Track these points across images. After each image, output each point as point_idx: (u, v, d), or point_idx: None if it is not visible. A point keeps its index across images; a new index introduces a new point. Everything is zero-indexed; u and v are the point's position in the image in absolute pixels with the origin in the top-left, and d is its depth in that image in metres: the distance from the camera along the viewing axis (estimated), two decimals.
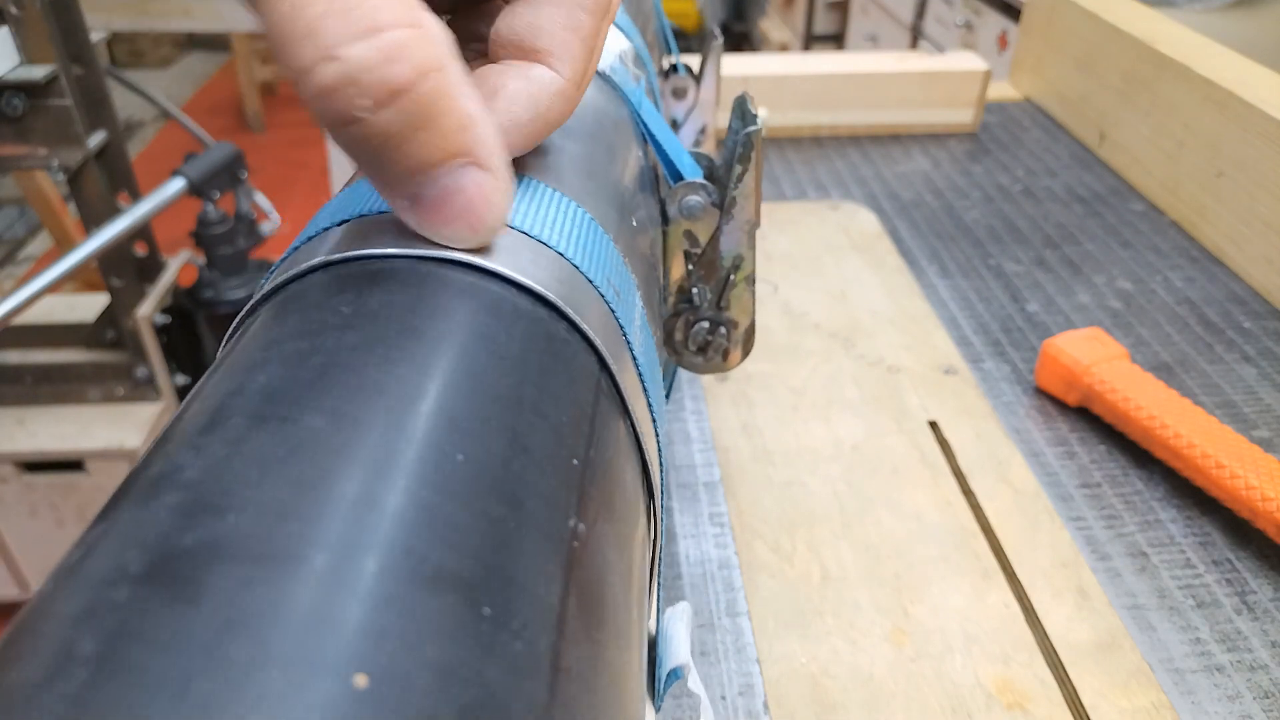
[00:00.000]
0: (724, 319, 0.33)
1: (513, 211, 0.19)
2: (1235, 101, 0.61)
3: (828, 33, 2.51)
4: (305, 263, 0.18)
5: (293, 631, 0.10)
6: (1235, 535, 0.42)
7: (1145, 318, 0.57)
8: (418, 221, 0.17)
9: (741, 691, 0.35)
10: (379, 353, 0.15)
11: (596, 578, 0.14)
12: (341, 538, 0.11)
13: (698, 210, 0.32)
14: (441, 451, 0.13)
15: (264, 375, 0.14)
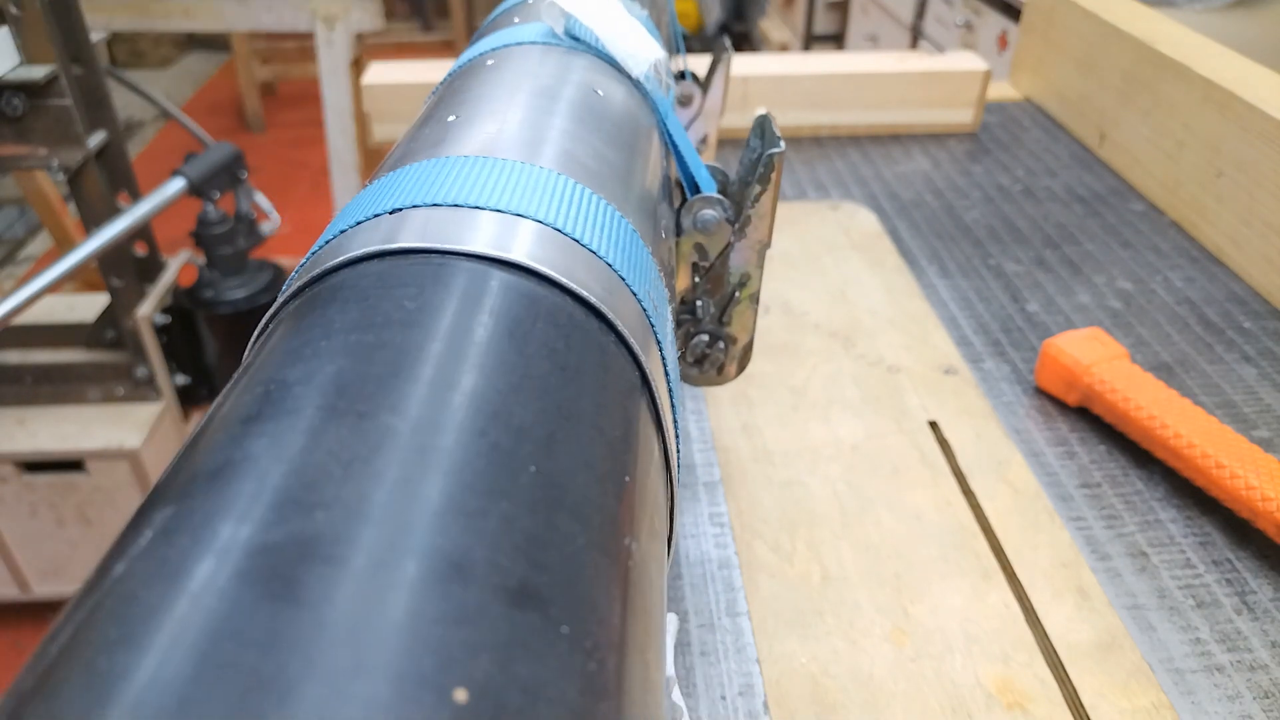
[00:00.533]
0: (724, 334, 0.34)
1: (563, 216, 0.19)
2: (1235, 101, 0.61)
3: (828, 33, 2.51)
4: (358, 249, 0.17)
5: (392, 640, 0.10)
6: (1235, 535, 0.42)
7: (1145, 318, 0.57)
8: None
9: (741, 691, 0.35)
10: (446, 355, 0.14)
11: (645, 596, 0.14)
12: (430, 546, 0.11)
13: (711, 225, 0.32)
14: (516, 462, 0.13)
15: (332, 366, 0.14)
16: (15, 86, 0.87)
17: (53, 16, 0.88)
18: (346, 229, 0.19)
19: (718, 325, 0.34)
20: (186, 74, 3.26)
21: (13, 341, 1.08)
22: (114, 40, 3.11)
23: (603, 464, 0.15)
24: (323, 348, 0.15)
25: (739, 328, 0.34)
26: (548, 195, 0.19)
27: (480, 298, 0.16)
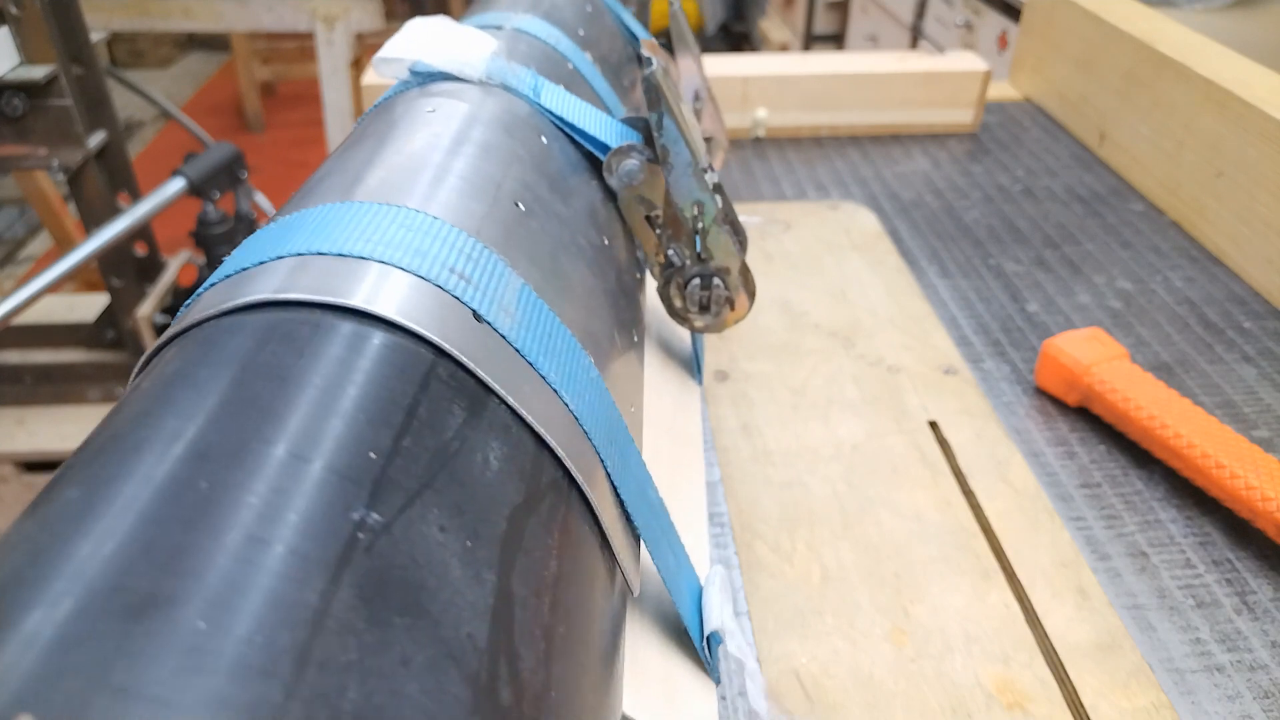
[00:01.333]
0: (711, 269, 0.32)
1: (445, 269, 0.18)
2: (1235, 101, 0.61)
3: (828, 33, 2.51)
4: (244, 298, 0.17)
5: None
6: (1235, 535, 0.41)
7: (1145, 318, 0.57)
8: None
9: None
10: (311, 416, 0.15)
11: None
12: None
13: (637, 173, 0.31)
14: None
15: (192, 425, 0.14)
16: (15, 86, 0.87)
17: (53, 16, 0.88)
18: (241, 270, 0.19)
19: (700, 263, 0.32)
20: (186, 74, 3.26)
21: (13, 341, 1.08)
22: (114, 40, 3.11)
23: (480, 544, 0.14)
24: (185, 403, 0.15)
25: (723, 256, 0.32)
26: (435, 245, 0.19)
27: (353, 359, 0.16)
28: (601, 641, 0.17)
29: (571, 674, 0.15)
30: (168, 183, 1.02)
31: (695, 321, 0.33)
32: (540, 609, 0.15)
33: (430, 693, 0.12)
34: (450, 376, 0.17)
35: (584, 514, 0.18)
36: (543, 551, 0.16)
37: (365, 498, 0.13)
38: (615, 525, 0.20)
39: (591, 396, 0.20)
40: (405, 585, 0.13)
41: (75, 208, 1.02)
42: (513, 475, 0.16)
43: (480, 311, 0.18)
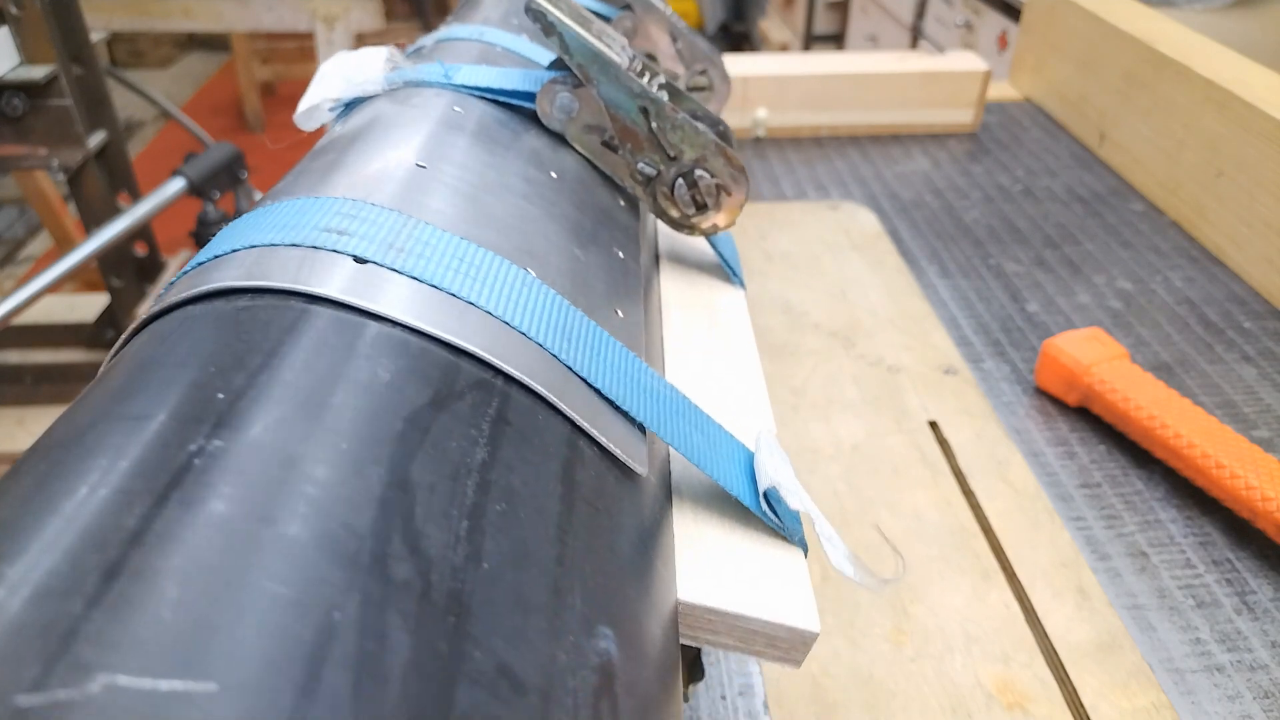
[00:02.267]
0: (688, 164, 0.31)
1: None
2: (1235, 101, 0.61)
3: (828, 33, 2.51)
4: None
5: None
6: (1235, 535, 0.41)
7: (1145, 318, 0.57)
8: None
9: (741, 691, 0.35)
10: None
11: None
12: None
13: (570, 104, 0.31)
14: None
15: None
16: (15, 86, 0.87)
17: (53, 16, 0.88)
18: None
19: (674, 163, 0.31)
20: (186, 74, 3.25)
21: (13, 341, 1.08)
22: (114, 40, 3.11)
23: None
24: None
25: (692, 146, 0.31)
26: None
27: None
28: (580, 520, 0.17)
29: (517, 546, 0.15)
30: (168, 183, 1.02)
31: (701, 223, 0.32)
32: (458, 491, 0.15)
33: (286, 581, 0.12)
34: (330, 318, 0.18)
35: (533, 405, 0.19)
36: (462, 441, 0.16)
37: (206, 430, 0.14)
38: (595, 413, 0.20)
39: (531, 303, 0.21)
40: (249, 493, 0.13)
41: (75, 208, 1.02)
42: (411, 382, 0.17)
43: (360, 254, 0.19)
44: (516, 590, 0.14)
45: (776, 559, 0.23)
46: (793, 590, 0.22)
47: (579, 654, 0.15)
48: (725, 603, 0.21)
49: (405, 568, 0.13)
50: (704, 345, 0.31)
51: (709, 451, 0.23)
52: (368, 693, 0.11)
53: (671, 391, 0.23)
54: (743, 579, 0.22)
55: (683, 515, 0.23)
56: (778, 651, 0.22)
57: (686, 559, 0.22)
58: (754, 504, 0.23)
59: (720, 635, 0.21)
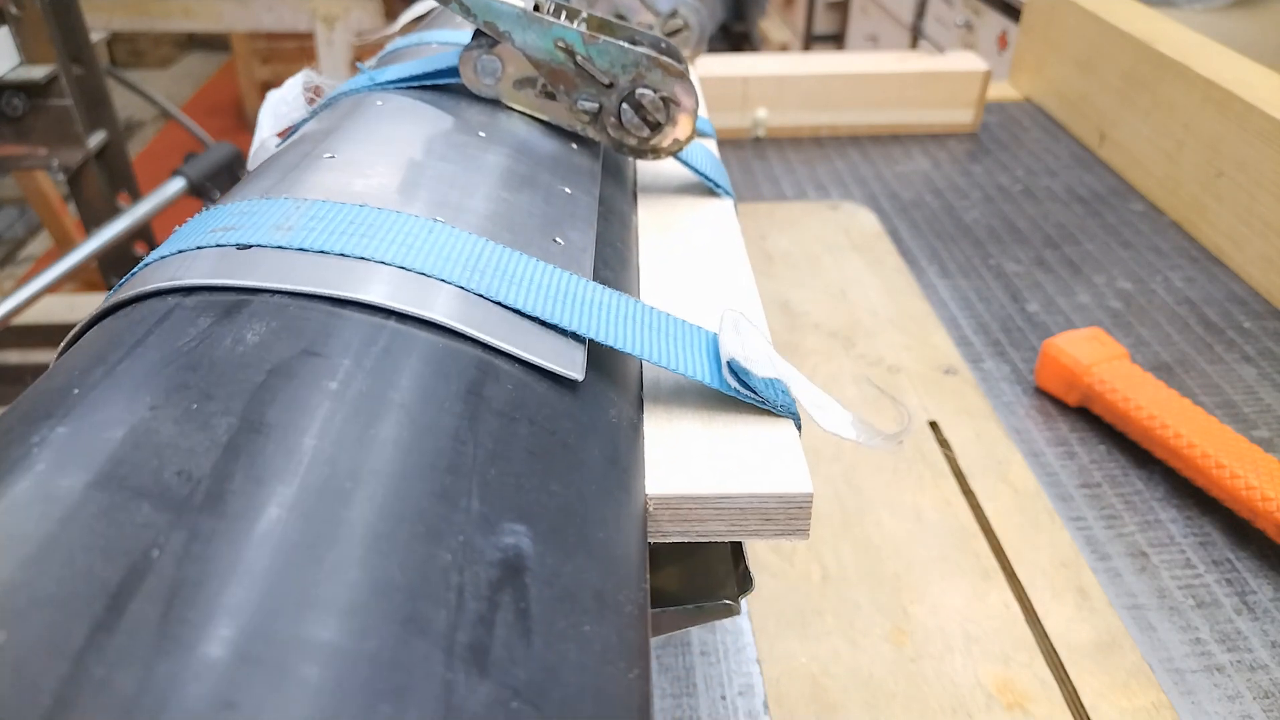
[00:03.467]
0: (628, 87, 0.31)
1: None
2: (1235, 101, 0.61)
3: (828, 33, 2.51)
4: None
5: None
6: (1235, 535, 0.41)
7: (1145, 318, 0.57)
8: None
9: (741, 691, 0.35)
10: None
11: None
12: None
13: (492, 64, 0.31)
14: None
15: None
16: (15, 86, 0.87)
17: (53, 16, 0.88)
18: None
19: (612, 90, 0.31)
20: (186, 74, 3.25)
21: (13, 341, 1.08)
22: (114, 40, 3.11)
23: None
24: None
25: (623, 69, 0.30)
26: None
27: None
28: (487, 430, 0.18)
29: (392, 464, 0.16)
30: (168, 183, 1.02)
31: (661, 143, 0.32)
32: (330, 421, 0.16)
33: (111, 533, 0.13)
34: (200, 302, 0.19)
35: (431, 336, 0.19)
36: (335, 379, 0.17)
37: (54, 420, 0.16)
38: (514, 332, 0.21)
39: (433, 245, 0.21)
40: (90, 462, 0.14)
41: (75, 208, 1.02)
42: (281, 339, 0.18)
43: (244, 242, 0.20)
44: (385, 503, 0.15)
45: (758, 434, 0.23)
46: (776, 457, 0.22)
47: (471, 551, 0.15)
48: (699, 486, 0.21)
49: (248, 498, 0.14)
50: (683, 256, 0.31)
51: (667, 346, 0.23)
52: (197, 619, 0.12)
53: (618, 299, 0.23)
54: (720, 460, 0.22)
55: (655, 416, 0.23)
56: (776, 525, 0.21)
57: (658, 455, 0.22)
58: (720, 383, 0.23)
59: (707, 522, 0.21)
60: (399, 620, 0.13)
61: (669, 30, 0.49)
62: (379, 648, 0.12)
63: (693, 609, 0.24)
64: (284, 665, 0.12)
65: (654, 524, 0.21)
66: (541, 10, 0.30)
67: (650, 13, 0.48)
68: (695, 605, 0.24)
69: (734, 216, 0.34)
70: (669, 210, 0.35)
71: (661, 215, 0.34)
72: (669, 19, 0.48)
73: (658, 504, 0.21)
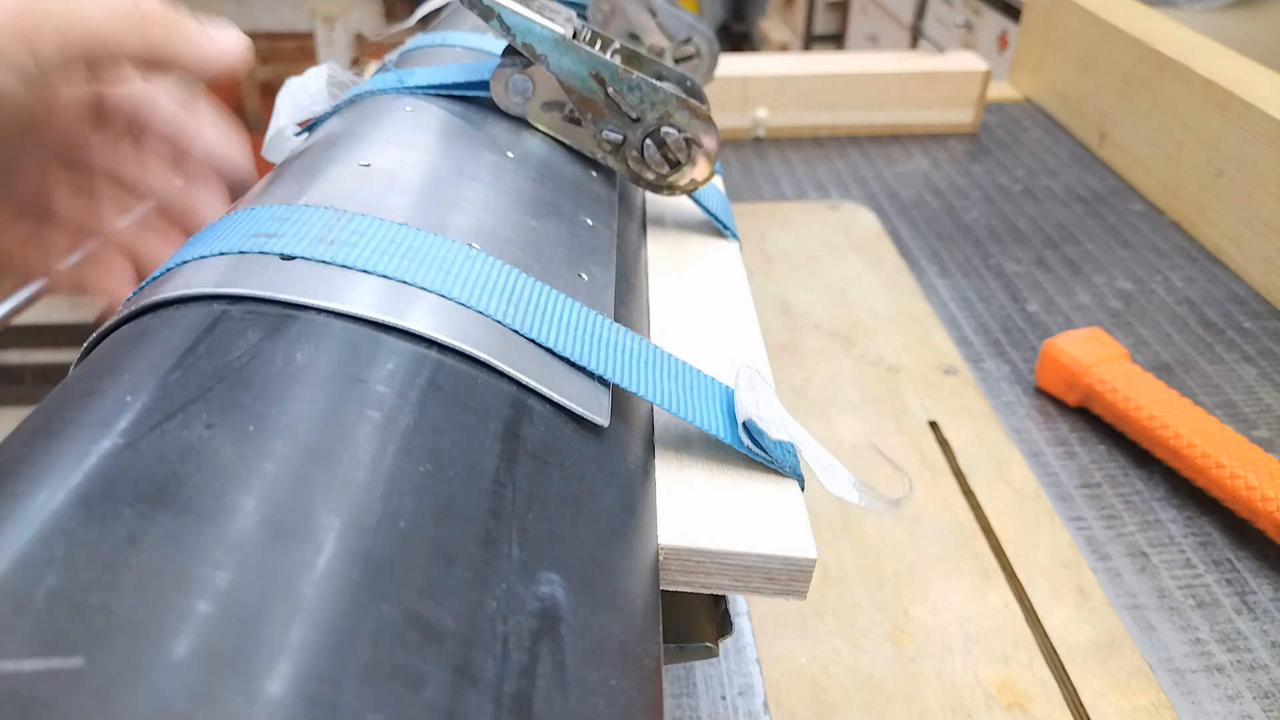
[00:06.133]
0: (653, 123, 0.31)
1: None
2: (1235, 101, 0.61)
3: (828, 33, 2.51)
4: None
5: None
6: (1235, 535, 0.42)
7: (1145, 318, 0.57)
8: None
9: (741, 691, 0.35)
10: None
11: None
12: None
13: (524, 84, 0.31)
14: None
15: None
16: None
17: None
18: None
19: (638, 124, 0.31)
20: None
21: (13, 341, 1.08)
22: None
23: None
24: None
25: (652, 106, 0.31)
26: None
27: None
28: (524, 473, 0.18)
29: (441, 503, 0.15)
30: None
31: (678, 181, 0.32)
32: (380, 456, 0.16)
33: (170, 556, 0.13)
34: (247, 313, 0.18)
35: (472, 370, 0.19)
36: (386, 409, 0.17)
37: (111, 432, 0.15)
38: (546, 371, 0.20)
39: (471, 274, 0.21)
40: (143, 483, 0.14)
41: None
42: (331, 362, 0.17)
43: (288, 252, 0.20)
44: (436, 545, 0.15)
45: (766, 492, 0.23)
46: (783, 519, 0.22)
47: (513, 600, 0.15)
48: (710, 541, 0.21)
49: (312, 536, 0.14)
50: (693, 301, 0.31)
51: (684, 396, 0.23)
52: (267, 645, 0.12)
53: (639, 343, 0.23)
54: (729, 516, 0.22)
55: (666, 464, 0.23)
56: (777, 585, 0.22)
57: (669, 504, 0.22)
58: (735, 440, 0.23)
59: (713, 576, 0.21)
60: (452, 668, 0.13)
61: (681, 56, 0.49)
62: (436, 696, 0.12)
63: (673, 649, 0.24)
64: (343, 708, 0.12)
65: (664, 573, 0.21)
66: (579, 38, 0.31)
67: (664, 36, 0.48)
68: (676, 645, 0.24)
69: (740, 260, 0.35)
70: (678, 246, 0.35)
71: (671, 251, 0.34)
72: (682, 45, 0.49)
73: (668, 554, 0.21)
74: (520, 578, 0.15)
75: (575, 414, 0.20)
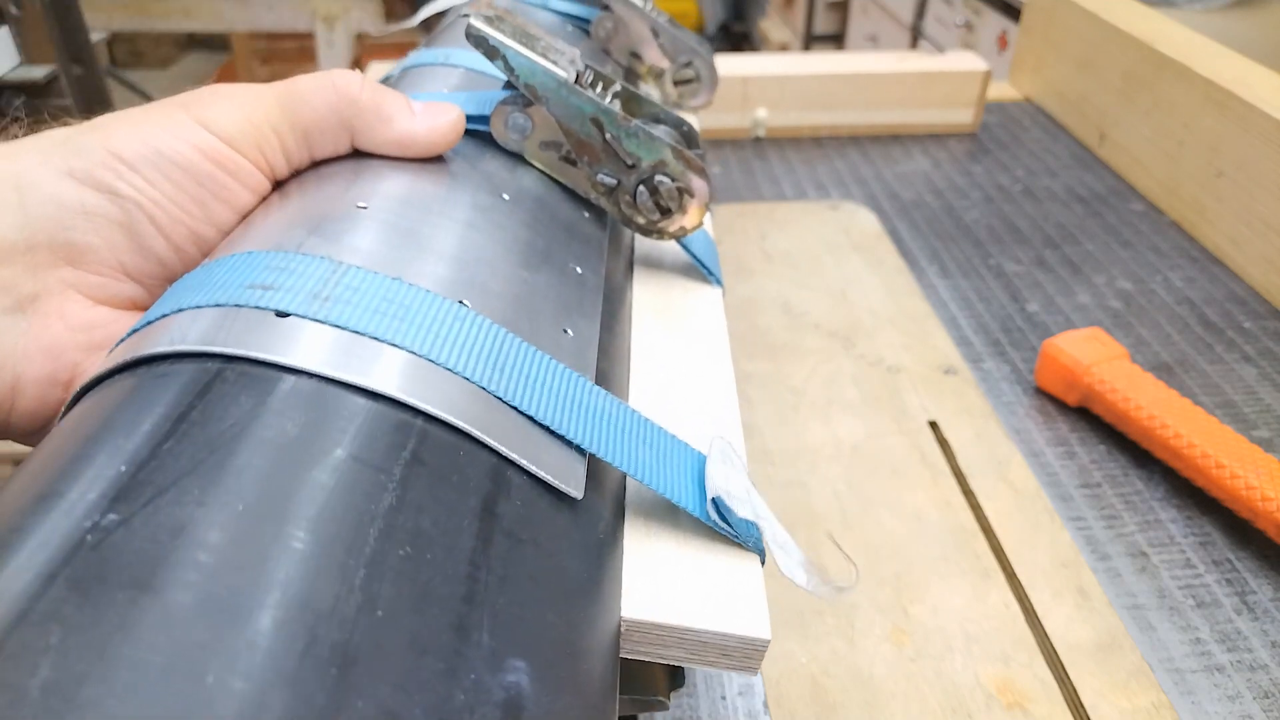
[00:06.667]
0: (647, 170, 0.31)
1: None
2: (1235, 101, 0.61)
3: (828, 33, 2.51)
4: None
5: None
6: (1235, 535, 0.42)
7: (1145, 318, 0.57)
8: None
9: (741, 691, 0.35)
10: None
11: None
12: None
13: (524, 123, 0.31)
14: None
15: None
16: (15, 86, 0.87)
17: (53, 16, 0.88)
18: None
19: (633, 170, 0.31)
20: (186, 74, 3.25)
21: None
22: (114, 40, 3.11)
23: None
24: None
25: (648, 152, 0.31)
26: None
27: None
28: (498, 554, 0.17)
29: (418, 589, 0.15)
30: None
31: (668, 227, 0.32)
32: (359, 540, 0.15)
33: (157, 649, 0.12)
34: (240, 375, 0.18)
35: (455, 441, 0.19)
36: (369, 487, 0.16)
37: (104, 505, 0.15)
38: (527, 441, 0.20)
39: (460, 335, 0.21)
40: (135, 565, 0.14)
41: None
42: (320, 433, 0.17)
43: (282, 309, 0.19)
44: (412, 634, 0.14)
45: (728, 568, 0.23)
46: (742, 598, 0.22)
47: (480, 691, 0.15)
48: (669, 616, 0.21)
49: (287, 626, 0.13)
50: (673, 351, 0.31)
51: (657, 465, 0.23)
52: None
53: (617, 408, 0.23)
54: (690, 591, 0.22)
55: (635, 531, 0.23)
56: (732, 661, 0.22)
57: (634, 575, 0.22)
58: (703, 515, 0.23)
59: (670, 649, 0.21)
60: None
61: (681, 79, 0.49)
62: None
63: (627, 700, 0.24)
64: None
65: (625, 642, 0.21)
66: (580, 81, 0.31)
67: (665, 57, 0.49)
68: (630, 698, 0.24)
69: (722, 308, 0.35)
70: (664, 291, 0.35)
71: (656, 295, 0.34)
72: (682, 68, 0.49)
73: (630, 626, 0.21)
74: (488, 666, 0.15)
75: (551, 486, 0.20)
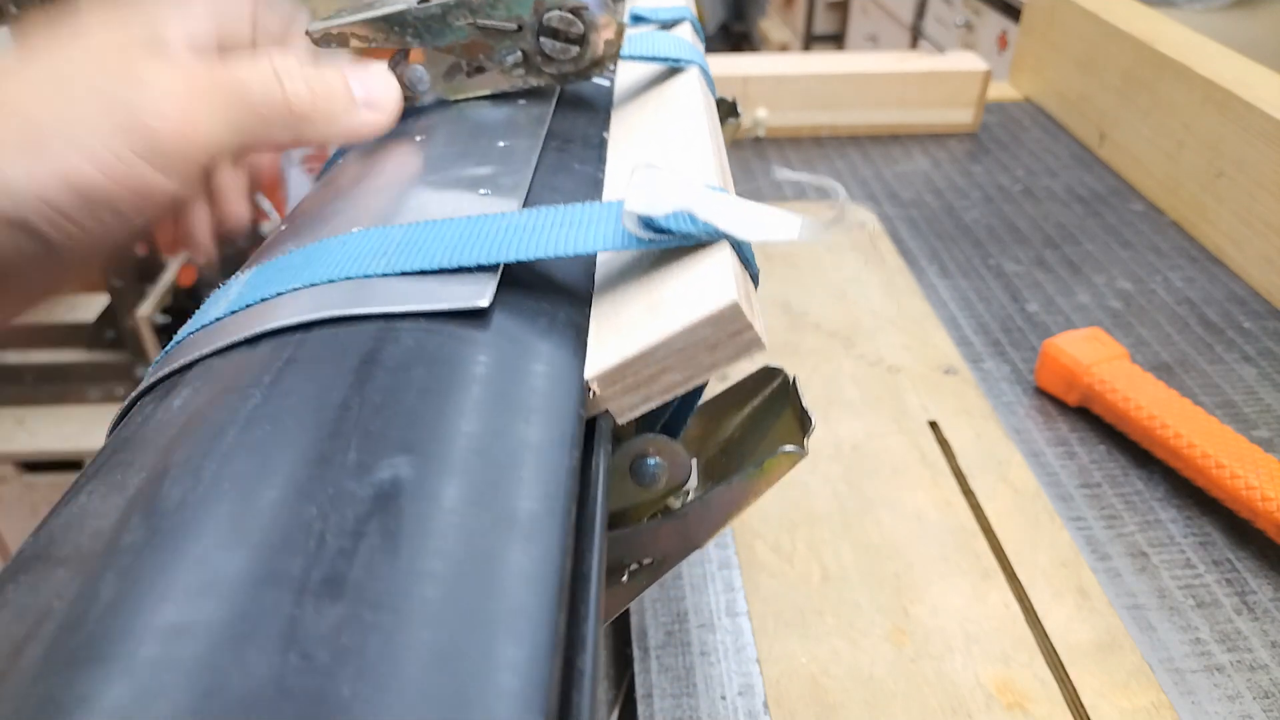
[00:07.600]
0: (534, 20, 0.30)
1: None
2: (1235, 101, 0.61)
3: (828, 33, 2.51)
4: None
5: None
6: (1235, 535, 0.41)
7: (1145, 318, 0.57)
8: None
9: (741, 691, 0.35)
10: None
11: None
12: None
13: (417, 73, 0.31)
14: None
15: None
16: None
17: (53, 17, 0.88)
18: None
19: (523, 32, 0.30)
20: None
21: (13, 341, 1.08)
22: None
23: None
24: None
25: (521, 5, 0.30)
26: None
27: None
28: (378, 386, 0.18)
29: (270, 445, 0.17)
30: None
31: (595, 53, 0.30)
32: (221, 437, 0.17)
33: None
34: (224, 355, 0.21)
35: (328, 331, 0.20)
36: (250, 408, 0.18)
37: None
38: (416, 292, 0.21)
39: (333, 255, 0.23)
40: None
41: None
42: (205, 393, 0.19)
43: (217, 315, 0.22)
44: (275, 500, 0.15)
45: (691, 272, 0.22)
46: (700, 284, 0.21)
47: (339, 498, 0.15)
48: (631, 348, 0.20)
49: (171, 540, 0.15)
50: (651, 130, 0.31)
51: (571, 234, 0.22)
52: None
53: (525, 217, 0.23)
54: (652, 316, 0.21)
55: (601, 306, 0.23)
56: (726, 351, 0.20)
57: (600, 340, 0.21)
58: (626, 242, 0.22)
59: (659, 378, 0.20)
60: (253, 582, 0.13)
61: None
62: (229, 614, 0.13)
63: (754, 471, 0.23)
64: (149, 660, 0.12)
65: (605, 403, 0.20)
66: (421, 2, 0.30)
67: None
68: (755, 466, 0.23)
69: (697, 84, 0.33)
70: (639, 110, 0.33)
71: (629, 118, 0.33)
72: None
73: (602, 382, 0.20)
74: (353, 475, 0.16)
75: (454, 311, 0.20)
